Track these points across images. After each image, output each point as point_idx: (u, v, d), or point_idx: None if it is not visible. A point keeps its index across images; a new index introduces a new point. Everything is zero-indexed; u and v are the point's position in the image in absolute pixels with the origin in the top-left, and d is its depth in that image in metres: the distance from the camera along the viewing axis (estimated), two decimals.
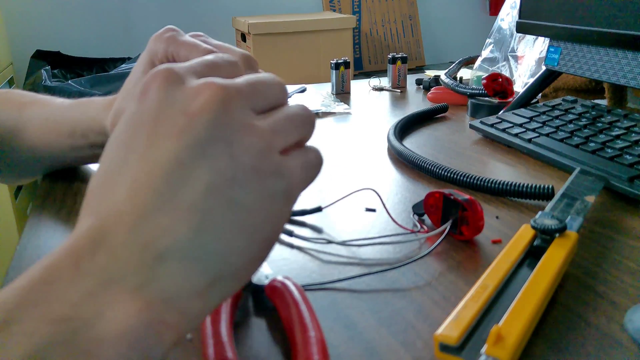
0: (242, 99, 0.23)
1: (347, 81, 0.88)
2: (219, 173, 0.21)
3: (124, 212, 0.21)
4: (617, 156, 0.50)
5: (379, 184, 0.51)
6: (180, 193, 0.21)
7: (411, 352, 0.28)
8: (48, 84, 1.59)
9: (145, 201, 0.21)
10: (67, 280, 0.19)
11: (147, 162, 0.21)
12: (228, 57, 0.26)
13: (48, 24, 1.96)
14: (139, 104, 0.23)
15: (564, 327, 0.30)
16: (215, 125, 0.22)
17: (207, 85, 0.22)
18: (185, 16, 2.13)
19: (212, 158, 0.21)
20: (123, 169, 0.22)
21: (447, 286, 0.34)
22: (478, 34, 2.43)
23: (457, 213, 0.39)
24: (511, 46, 0.88)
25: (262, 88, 0.25)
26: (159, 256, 0.20)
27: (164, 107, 0.22)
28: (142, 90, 0.23)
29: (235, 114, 0.22)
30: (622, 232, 0.41)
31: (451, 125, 0.71)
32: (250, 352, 0.29)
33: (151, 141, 0.22)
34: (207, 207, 0.21)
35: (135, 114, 0.23)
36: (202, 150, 0.21)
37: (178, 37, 0.40)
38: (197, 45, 0.39)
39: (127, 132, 0.23)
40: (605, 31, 0.58)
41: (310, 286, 0.34)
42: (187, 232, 0.21)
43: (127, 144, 0.22)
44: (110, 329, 0.19)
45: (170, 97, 0.22)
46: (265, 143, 0.23)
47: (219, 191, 0.21)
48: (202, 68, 0.25)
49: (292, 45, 1.91)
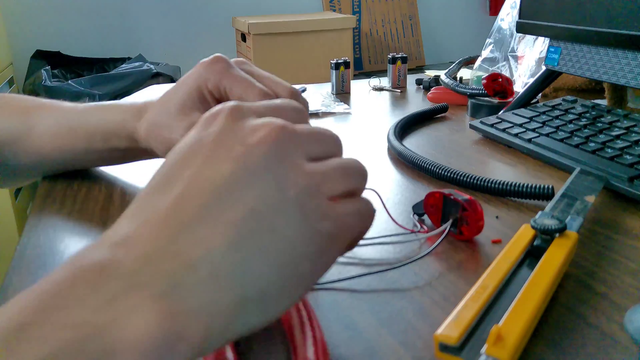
0: (298, 142, 0.25)
1: (347, 81, 0.88)
2: (265, 200, 0.22)
3: (165, 218, 0.22)
4: (617, 156, 0.50)
5: (379, 184, 0.51)
6: (225, 211, 0.22)
7: (411, 352, 0.28)
8: (48, 84, 1.59)
9: (190, 212, 0.22)
10: (92, 282, 0.20)
11: (200, 178, 0.23)
12: (294, 104, 0.29)
13: (48, 24, 1.96)
14: (202, 130, 0.25)
15: (564, 327, 0.30)
16: (268, 158, 0.23)
17: (268, 124, 0.24)
18: (185, 16, 2.13)
19: (260, 186, 0.23)
20: (175, 182, 0.23)
21: (447, 286, 0.34)
22: (478, 34, 2.43)
23: (457, 213, 0.39)
24: (511, 46, 0.88)
25: (318, 137, 0.26)
26: (191, 265, 0.21)
27: (225, 136, 0.24)
28: (207, 118, 0.25)
29: (288, 153, 0.24)
30: (622, 232, 0.41)
31: (451, 125, 0.71)
32: (250, 352, 0.29)
33: (207, 162, 0.23)
34: (247, 228, 0.22)
35: (197, 137, 0.25)
36: (253, 178, 0.23)
37: (231, 70, 0.42)
38: (252, 85, 0.41)
39: (185, 152, 0.24)
40: (605, 31, 0.58)
41: None
42: (222, 246, 0.21)
43: (184, 161, 0.24)
44: (124, 337, 0.19)
45: (232, 129, 0.24)
46: (312, 183, 0.24)
47: (261, 217, 0.22)
48: (267, 111, 0.27)
49: (292, 45, 1.91)
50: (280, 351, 0.29)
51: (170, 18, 2.11)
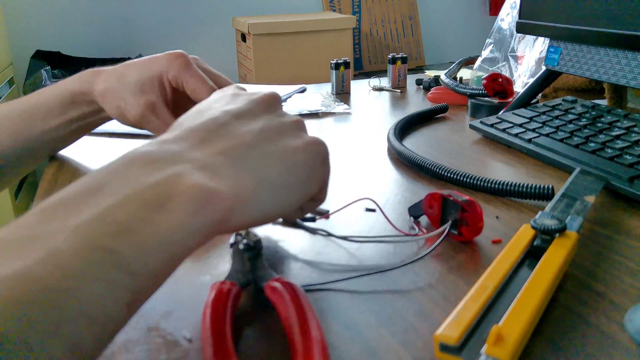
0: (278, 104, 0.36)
1: (347, 81, 0.88)
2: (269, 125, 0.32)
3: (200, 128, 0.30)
4: (617, 156, 0.50)
5: (378, 184, 0.51)
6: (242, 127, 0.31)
7: (411, 352, 0.28)
8: (48, 84, 1.59)
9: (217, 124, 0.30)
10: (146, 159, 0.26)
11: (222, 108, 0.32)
12: None
13: (48, 24, 1.96)
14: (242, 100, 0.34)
15: (564, 327, 0.30)
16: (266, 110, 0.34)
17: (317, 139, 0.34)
18: (185, 16, 2.13)
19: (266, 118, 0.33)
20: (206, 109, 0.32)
21: (447, 286, 0.34)
22: (478, 34, 2.43)
23: (456, 214, 0.39)
24: (511, 46, 0.88)
25: None
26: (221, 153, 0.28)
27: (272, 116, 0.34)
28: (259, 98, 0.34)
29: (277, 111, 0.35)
30: (622, 232, 0.41)
31: (451, 125, 0.71)
32: (250, 352, 0.29)
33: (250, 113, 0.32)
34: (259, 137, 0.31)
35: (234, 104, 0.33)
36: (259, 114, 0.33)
37: (190, 67, 0.50)
38: (204, 82, 0.50)
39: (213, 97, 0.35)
40: (605, 31, 0.58)
41: (310, 286, 0.34)
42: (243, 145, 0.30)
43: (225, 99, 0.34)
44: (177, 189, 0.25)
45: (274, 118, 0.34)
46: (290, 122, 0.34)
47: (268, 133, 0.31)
48: None
49: (292, 45, 1.91)
50: (280, 351, 0.29)
51: (170, 18, 2.11)
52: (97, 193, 0.24)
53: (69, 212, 0.23)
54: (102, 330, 0.21)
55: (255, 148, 0.30)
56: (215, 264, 0.37)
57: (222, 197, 0.26)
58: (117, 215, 0.23)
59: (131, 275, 0.22)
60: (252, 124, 0.31)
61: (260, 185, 0.29)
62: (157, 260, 0.23)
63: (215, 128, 0.30)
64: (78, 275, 0.20)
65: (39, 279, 0.20)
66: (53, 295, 0.20)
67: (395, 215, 0.44)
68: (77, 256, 0.21)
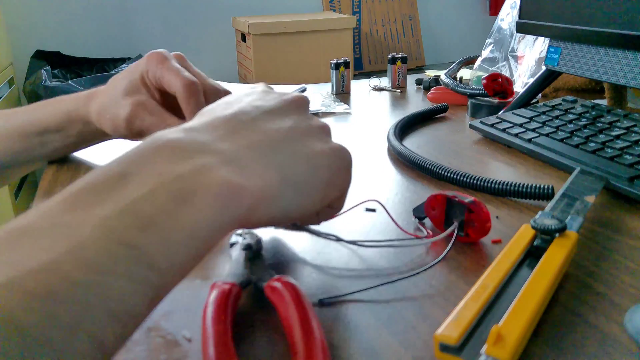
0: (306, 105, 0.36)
1: (347, 81, 0.88)
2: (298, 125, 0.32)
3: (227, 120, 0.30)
4: (617, 156, 0.50)
5: (379, 185, 0.51)
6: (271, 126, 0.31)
7: (411, 352, 0.28)
8: (48, 84, 1.59)
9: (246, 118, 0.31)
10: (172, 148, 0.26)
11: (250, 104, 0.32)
12: None
13: (48, 24, 1.96)
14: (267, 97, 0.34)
15: (564, 327, 0.30)
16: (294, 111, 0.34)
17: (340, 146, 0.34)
18: (185, 16, 2.13)
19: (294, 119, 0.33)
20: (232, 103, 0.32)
21: (447, 286, 0.34)
22: (478, 34, 2.43)
23: (462, 215, 0.39)
24: (511, 46, 0.88)
25: None
26: (248, 147, 0.28)
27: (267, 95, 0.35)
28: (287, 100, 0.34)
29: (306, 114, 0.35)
30: (622, 232, 0.41)
31: (451, 125, 0.71)
32: (250, 352, 0.29)
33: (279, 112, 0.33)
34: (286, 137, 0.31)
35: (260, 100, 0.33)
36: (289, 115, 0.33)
37: (165, 62, 0.49)
38: (178, 74, 0.48)
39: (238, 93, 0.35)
40: (605, 31, 0.58)
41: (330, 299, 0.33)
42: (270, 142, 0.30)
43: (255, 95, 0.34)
44: (203, 182, 0.25)
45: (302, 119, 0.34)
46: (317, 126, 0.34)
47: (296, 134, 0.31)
48: None
49: (292, 45, 1.91)
50: (281, 351, 0.29)
51: (170, 18, 2.11)
52: (122, 182, 0.23)
53: (93, 201, 0.22)
54: (123, 327, 0.21)
55: (282, 146, 0.30)
56: (215, 264, 0.37)
57: (247, 193, 0.26)
58: (143, 207, 0.23)
59: (155, 271, 0.22)
60: (281, 122, 0.32)
61: (284, 183, 0.29)
62: (181, 256, 0.23)
63: (245, 121, 0.30)
64: (103, 271, 0.20)
65: (65, 273, 0.19)
66: (78, 290, 0.19)
67: (396, 215, 0.44)
68: (103, 250, 0.21)
